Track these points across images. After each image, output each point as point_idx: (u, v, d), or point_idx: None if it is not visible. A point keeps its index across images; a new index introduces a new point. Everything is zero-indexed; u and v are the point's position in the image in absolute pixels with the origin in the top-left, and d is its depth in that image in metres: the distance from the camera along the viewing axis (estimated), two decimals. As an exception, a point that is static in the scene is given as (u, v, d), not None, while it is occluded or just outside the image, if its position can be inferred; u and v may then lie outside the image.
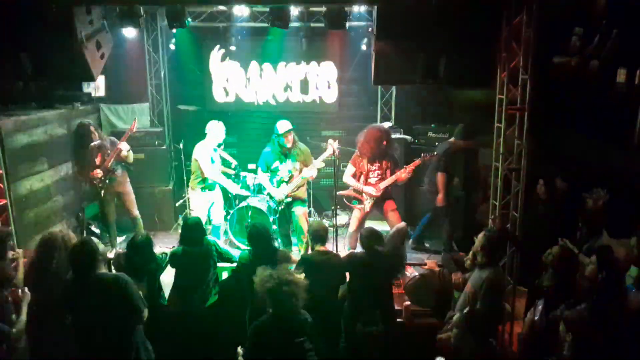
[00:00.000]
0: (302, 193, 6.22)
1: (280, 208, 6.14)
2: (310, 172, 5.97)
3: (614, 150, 5.53)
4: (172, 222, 7.38)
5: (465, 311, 3.67)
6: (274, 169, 6.05)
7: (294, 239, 6.37)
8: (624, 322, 3.45)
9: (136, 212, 6.48)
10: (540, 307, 3.94)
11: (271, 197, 6.21)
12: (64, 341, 3.77)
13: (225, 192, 7.18)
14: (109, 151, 6.14)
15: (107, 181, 6.17)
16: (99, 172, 6.07)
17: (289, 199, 6.10)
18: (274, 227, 6.54)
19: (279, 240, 6.32)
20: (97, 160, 6.11)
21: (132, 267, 4.17)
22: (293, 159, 6.04)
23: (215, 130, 6.21)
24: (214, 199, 6.42)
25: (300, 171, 6.01)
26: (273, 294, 3.39)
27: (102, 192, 6.20)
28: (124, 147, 6.07)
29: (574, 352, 3.12)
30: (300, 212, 6.12)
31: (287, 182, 6.05)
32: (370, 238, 4.34)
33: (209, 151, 6.21)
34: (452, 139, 6.35)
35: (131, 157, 6.23)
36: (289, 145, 5.94)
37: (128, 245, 4.37)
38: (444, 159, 6.15)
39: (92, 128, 6.10)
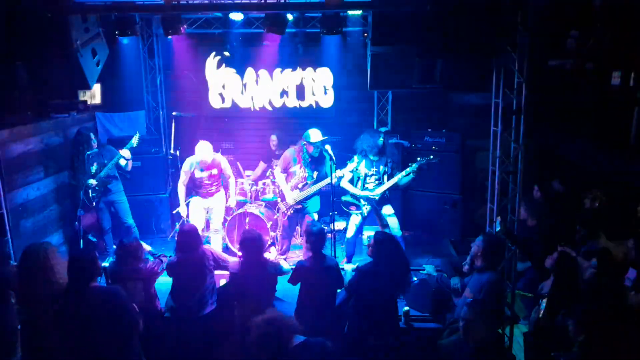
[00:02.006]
0: (316, 202, 6.18)
1: (290, 212, 6.09)
2: (325, 184, 5.90)
3: (610, 152, 5.54)
4: (170, 230, 7.35)
5: (471, 300, 3.67)
6: (292, 171, 6.03)
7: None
8: (625, 323, 3.46)
9: (130, 220, 6.46)
10: (543, 307, 3.94)
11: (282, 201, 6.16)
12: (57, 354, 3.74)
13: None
14: (105, 160, 6.13)
15: (101, 190, 6.16)
16: (93, 182, 6.07)
17: (300, 206, 6.06)
18: (272, 233, 6.52)
19: (278, 244, 6.31)
20: (93, 169, 6.10)
21: (120, 273, 4.15)
22: (312, 166, 6.01)
23: (197, 150, 6.07)
24: (211, 205, 6.36)
25: (315, 181, 5.97)
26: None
27: (96, 201, 6.19)
28: (126, 154, 6.11)
29: (584, 351, 3.12)
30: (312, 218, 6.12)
31: (300, 189, 6.02)
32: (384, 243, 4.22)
33: (190, 163, 6.15)
34: None
35: (130, 165, 6.25)
36: (316, 155, 5.91)
37: (115, 252, 4.35)
38: None
39: (91, 135, 6.12)
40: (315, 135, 5.82)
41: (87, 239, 6.78)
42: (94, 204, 6.23)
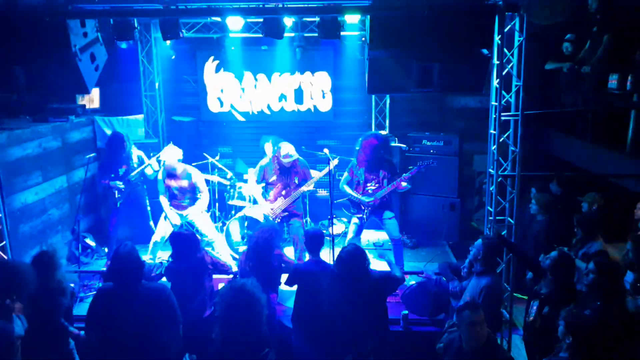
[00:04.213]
0: (298, 206, 6.19)
1: (276, 222, 6.06)
2: (308, 187, 5.95)
3: (607, 155, 5.56)
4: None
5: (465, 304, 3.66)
6: (271, 182, 6.03)
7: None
8: (623, 326, 3.46)
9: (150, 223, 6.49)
10: (534, 309, 3.94)
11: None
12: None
13: (222, 200, 7.18)
14: (135, 164, 6.17)
15: (126, 193, 6.18)
16: (120, 183, 6.09)
17: (285, 213, 6.07)
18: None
19: None
20: (121, 171, 6.14)
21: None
22: (291, 174, 6.01)
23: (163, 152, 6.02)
24: (191, 217, 6.15)
25: (297, 185, 6.00)
26: None
27: (121, 202, 6.21)
28: (154, 165, 6.14)
29: (573, 354, 3.11)
30: (297, 224, 6.08)
31: (283, 196, 6.02)
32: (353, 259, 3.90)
33: (162, 170, 6.09)
34: None
35: (153, 175, 6.24)
36: (287, 165, 5.93)
37: (112, 257, 4.31)
38: None
39: (124, 137, 6.16)
40: (285, 149, 5.84)
41: (85, 243, 6.78)
42: (118, 204, 6.23)
